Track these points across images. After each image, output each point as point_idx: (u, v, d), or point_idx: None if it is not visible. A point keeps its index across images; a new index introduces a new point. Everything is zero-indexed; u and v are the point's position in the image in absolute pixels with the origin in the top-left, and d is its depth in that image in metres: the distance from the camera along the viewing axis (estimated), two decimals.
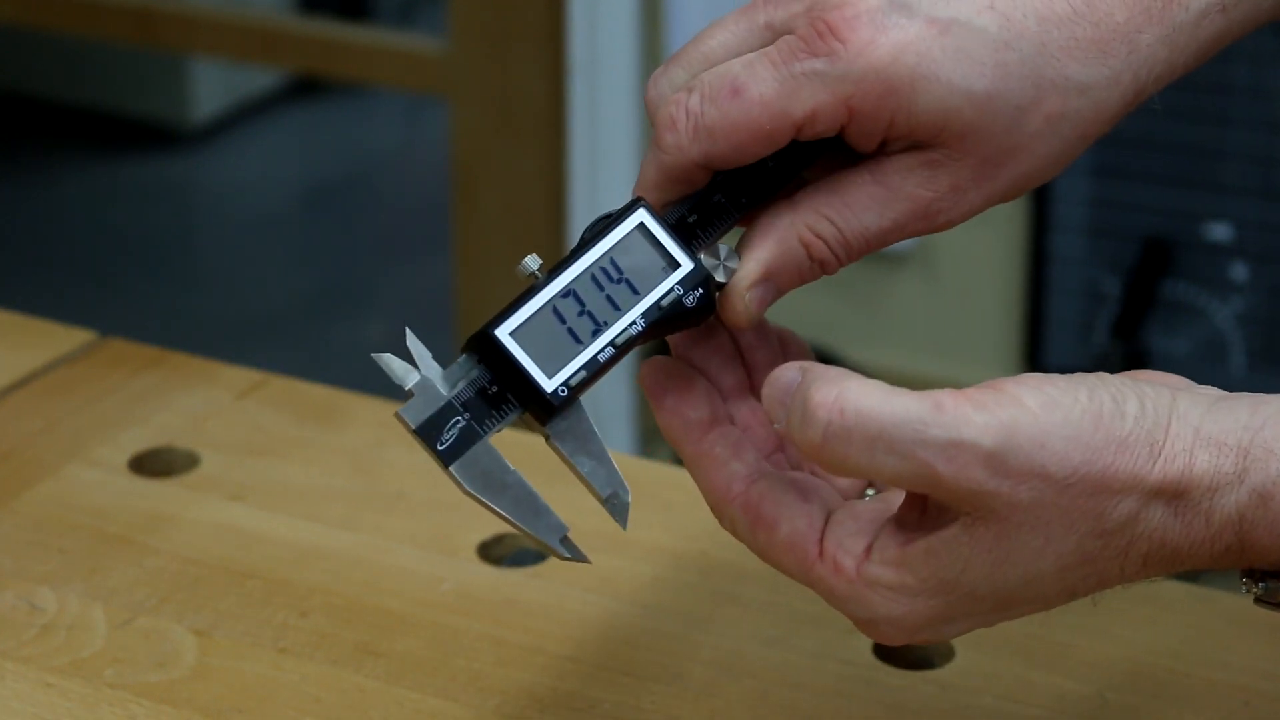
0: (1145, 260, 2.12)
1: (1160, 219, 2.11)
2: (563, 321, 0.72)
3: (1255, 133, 2.05)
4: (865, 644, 0.87)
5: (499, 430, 0.71)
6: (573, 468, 0.72)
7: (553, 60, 2.39)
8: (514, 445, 0.73)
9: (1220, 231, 2.09)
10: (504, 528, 0.95)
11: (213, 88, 3.58)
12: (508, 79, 2.43)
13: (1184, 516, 0.67)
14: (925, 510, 0.68)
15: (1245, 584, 0.70)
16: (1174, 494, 0.67)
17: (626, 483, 0.72)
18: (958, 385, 0.68)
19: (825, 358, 2.45)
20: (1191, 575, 0.73)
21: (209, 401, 1.06)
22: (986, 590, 0.68)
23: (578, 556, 0.72)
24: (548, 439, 0.72)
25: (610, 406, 2.38)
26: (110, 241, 3.33)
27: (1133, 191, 2.12)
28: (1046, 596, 0.69)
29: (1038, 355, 2.23)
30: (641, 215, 0.73)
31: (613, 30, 2.33)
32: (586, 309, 0.72)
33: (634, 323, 0.72)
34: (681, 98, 0.72)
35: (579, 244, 0.73)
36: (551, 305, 0.72)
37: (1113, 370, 0.69)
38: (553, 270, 0.72)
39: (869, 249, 0.74)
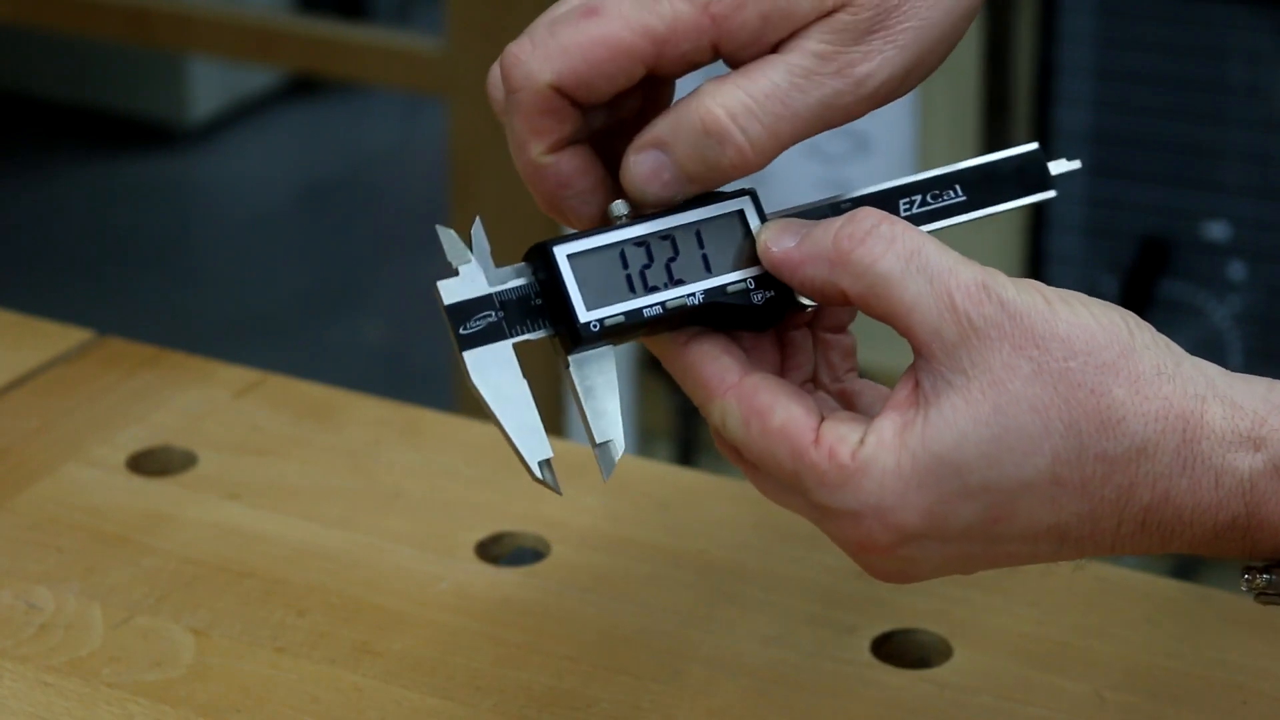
0: (1143, 260, 2.12)
1: (1158, 218, 2.11)
2: (625, 266, 0.71)
3: (1253, 132, 2.05)
4: (863, 643, 0.87)
5: (525, 339, 0.70)
6: (580, 405, 0.71)
7: None
8: None
9: (1218, 231, 2.09)
10: (502, 527, 0.95)
11: (210, 87, 3.58)
12: None
13: (1192, 471, 0.67)
14: (918, 386, 0.68)
15: (1247, 579, 0.69)
16: (1184, 436, 0.67)
17: (624, 438, 0.71)
18: None
19: None
20: (1185, 570, 0.72)
21: (206, 400, 1.06)
22: (978, 480, 0.67)
23: (550, 484, 0.71)
24: (566, 368, 0.71)
25: None
26: (108, 240, 3.33)
27: (1130, 191, 2.12)
28: (1035, 526, 0.68)
29: None
30: (745, 202, 0.72)
31: None
32: (653, 265, 0.71)
33: (693, 295, 0.71)
34: (523, 38, 0.71)
35: (671, 207, 0.72)
36: (620, 247, 0.71)
37: None
38: (635, 219, 0.71)
39: (790, 123, 0.71)
